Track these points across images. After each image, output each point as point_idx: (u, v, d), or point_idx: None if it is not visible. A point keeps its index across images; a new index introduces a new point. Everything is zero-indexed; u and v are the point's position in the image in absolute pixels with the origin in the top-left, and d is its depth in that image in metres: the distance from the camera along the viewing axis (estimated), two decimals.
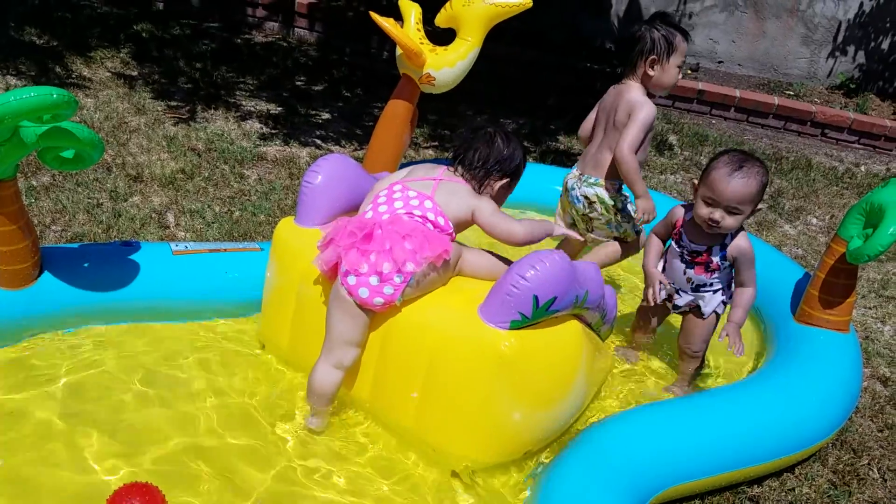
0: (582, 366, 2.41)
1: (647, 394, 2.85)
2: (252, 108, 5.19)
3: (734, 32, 7.52)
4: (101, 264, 2.70)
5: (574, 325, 2.37)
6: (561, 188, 3.43)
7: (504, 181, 2.65)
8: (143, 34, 6.19)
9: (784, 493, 2.52)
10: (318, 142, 4.84)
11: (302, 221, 2.62)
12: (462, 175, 2.61)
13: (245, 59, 6.09)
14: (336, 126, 5.16)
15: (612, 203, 3.21)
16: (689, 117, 6.64)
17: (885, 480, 2.65)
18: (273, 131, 4.87)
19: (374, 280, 2.28)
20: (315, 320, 2.48)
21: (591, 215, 3.27)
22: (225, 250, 2.93)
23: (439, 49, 3.43)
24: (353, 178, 2.68)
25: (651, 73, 3.11)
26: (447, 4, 3.43)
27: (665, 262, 2.90)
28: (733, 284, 2.81)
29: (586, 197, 3.24)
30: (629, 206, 3.23)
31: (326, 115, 5.31)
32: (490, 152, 2.60)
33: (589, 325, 2.55)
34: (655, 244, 2.91)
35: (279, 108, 5.28)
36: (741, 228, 2.71)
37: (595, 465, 2.20)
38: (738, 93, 6.70)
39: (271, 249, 2.69)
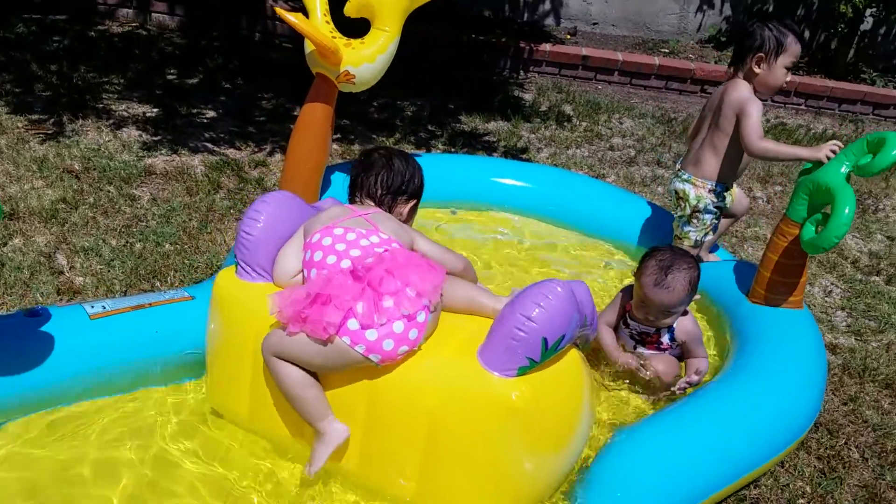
0: (586, 395, 2.25)
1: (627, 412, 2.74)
2: (125, 113, 4.62)
3: None
4: (5, 344, 2.24)
5: (574, 354, 2.21)
6: None
7: (411, 203, 2.55)
8: None
9: (780, 491, 2.51)
10: (210, 146, 4.38)
11: (245, 275, 2.30)
12: (365, 202, 2.47)
13: (105, 55, 5.44)
14: (224, 125, 4.69)
15: (696, 202, 3.18)
16: (576, 84, 6.60)
17: (867, 459, 2.70)
18: (155, 138, 4.36)
19: (398, 327, 2.03)
20: None
21: (675, 212, 3.27)
22: (150, 305, 2.52)
23: (354, 42, 3.09)
24: (297, 219, 2.37)
25: (757, 70, 3.03)
26: None
27: (616, 333, 2.90)
28: (684, 356, 2.87)
29: (676, 192, 3.25)
30: (708, 215, 3.20)
31: (211, 113, 4.82)
32: (391, 176, 2.48)
33: (576, 344, 2.39)
34: (608, 333, 2.87)
35: (156, 110, 4.73)
36: (685, 311, 2.79)
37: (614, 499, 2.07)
38: (620, 56, 6.72)
39: (213, 307, 2.35)
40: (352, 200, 2.54)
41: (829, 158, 2.77)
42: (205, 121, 4.71)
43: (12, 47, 5.26)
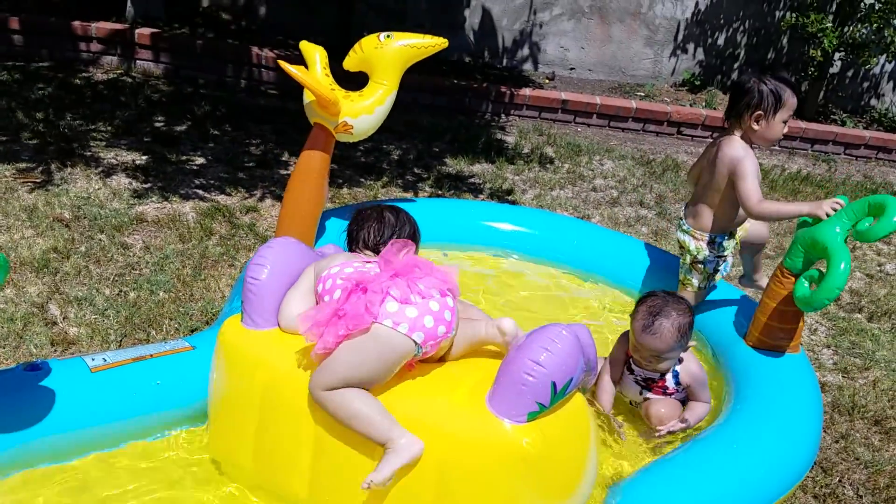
0: (593, 439, 2.28)
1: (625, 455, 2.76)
2: (114, 161, 4.62)
3: (583, 39, 7.74)
4: (5, 399, 2.22)
5: (579, 398, 2.24)
6: None
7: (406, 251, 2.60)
8: None
9: None
10: (201, 192, 4.39)
11: (252, 323, 2.30)
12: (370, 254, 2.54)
13: (90, 102, 5.45)
14: (214, 171, 4.71)
15: (695, 253, 3.20)
16: (556, 127, 6.73)
17: (861, 497, 2.74)
18: (145, 186, 4.36)
19: (434, 306, 2.14)
20: (288, 435, 2.18)
21: (680, 259, 3.33)
22: (151, 356, 2.51)
23: (353, 94, 3.16)
24: (303, 264, 2.39)
25: (756, 127, 2.99)
26: (356, 47, 3.18)
27: (621, 379, 2.91)
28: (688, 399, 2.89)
29: (679, 241, 3.30)
30: (709, 265, 3.21)
31: (200, 160, 4.84)
32: (383, 226, 2.59)
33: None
34: (607, 396, 2.87)
35: (145, 157, 4.75)
36: (686, 349, 2.79)
37: None
38: (598, 100, 6.87)
39: (218, 357, 2.34)
40: (350, 252, 2.62)
41: (828, 215, 2.72)
42: (194, 167, 4.73)
43: None
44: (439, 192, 4.93)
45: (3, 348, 2.89)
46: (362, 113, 3.13)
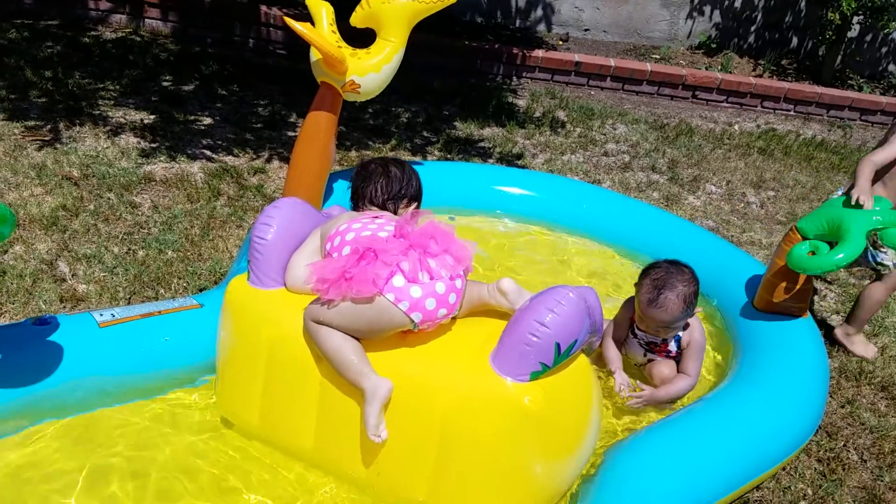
0: (595, 400, 2.28)
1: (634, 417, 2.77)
2: (122, 120, 4.61)
3: None
4: (14, 354, 2.24)
5: (583, 359, 2.25)
6: None
7: (412, 206, 2.61)
8: None
9: (782, 493, 2.55)
10: (208, 153, 4.38)
11: (259, 282, 2.31)
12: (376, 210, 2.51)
13: (99, 61, 5.41)
14: (221, 132, 4.69)
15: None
16: (569, 90, 6.65)
17: (865, 461, 2.74)
18: (153, 145, 4.35)
19: (440, 288, 2.10)
20: (294, 391, 2.20)
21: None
22: (159, 313, 2.52)
23: (360, 52, 3.12)
24: (309, 225, 2.39)
25: None
26: (363, 2, 3.13)
27: (625, 342, 2.92)
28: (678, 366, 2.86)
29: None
30: None
31: (208, 120, 4.82)
32: (390, 182, 2.56)
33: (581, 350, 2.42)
34: (614, 351, 2.87)
35: (152, 117, 4.73)
36: (692, 315, 2.77)
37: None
38: (612, 62, 6.77)
39: (225, 315, 2.35)
40: (355, 209, 2.58)
41: (858, 203, 2.72)
42: (202, 128, 4.71)
43: (5, 53, 5.23)
44: (448, 156, 4.90)
45: (13, 304, 2.92)
46: (369, 71, 3.09)
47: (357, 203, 2.59)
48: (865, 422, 2.93)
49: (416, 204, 2.62)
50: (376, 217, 2.33)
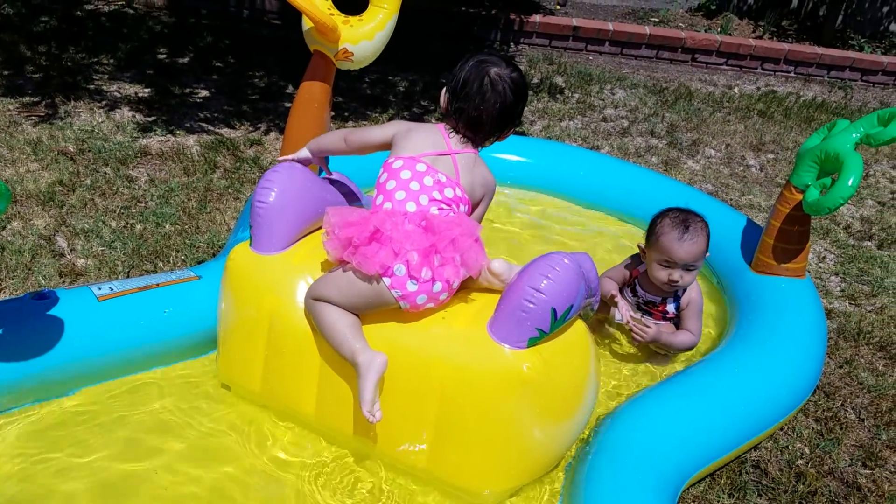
0: (593, 365, 2.29)
1: (632, 374, 2.79)
2: (118, 94, 4.58)
3: None
4: (14, 328, 2.25)
5: (580, 325, 2.25)
6: None
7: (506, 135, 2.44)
8: None
9: (779, 452, 2.56)
10: (205, 126, 4.36)
11: (260, 248, 2.30)
12: (465, 134, 2.31)
13: (93, 35, 5.36)
14: (217, 104, 4.67)
15: None
16: (567, 55, 6.59)
17: (863, 420, 2.76)
18: (149, 119, 4.33)
19: (437, 287, 2.09)
20: (296, 358, 2.22)
21: None
22: (157, 285, 2.53)
23: (352, 19, 3.09)
24: (311, 189, 2.38)
25: None
26: None
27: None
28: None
29: None
30: None
31: (204, 93, 4.79)
32: (502, 106, 2.26)
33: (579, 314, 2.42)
34: (610, 283, 2.87)
35: (148, 90, 4.70)
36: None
37: (625, 465, 2.11)
38: (610, 26, 6.70)
39: (226, 282, 2.35)
40: (446, 116, 2.35)
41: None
42: (198, 100, 4.69)
43: None
44: None
45: (12, 280, 2.93)
46: (362, 39, 3.05)
47: (459, 115, 2.29)
48: (863, 381, 2.95)
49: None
50: (437, 174, 2.22)
